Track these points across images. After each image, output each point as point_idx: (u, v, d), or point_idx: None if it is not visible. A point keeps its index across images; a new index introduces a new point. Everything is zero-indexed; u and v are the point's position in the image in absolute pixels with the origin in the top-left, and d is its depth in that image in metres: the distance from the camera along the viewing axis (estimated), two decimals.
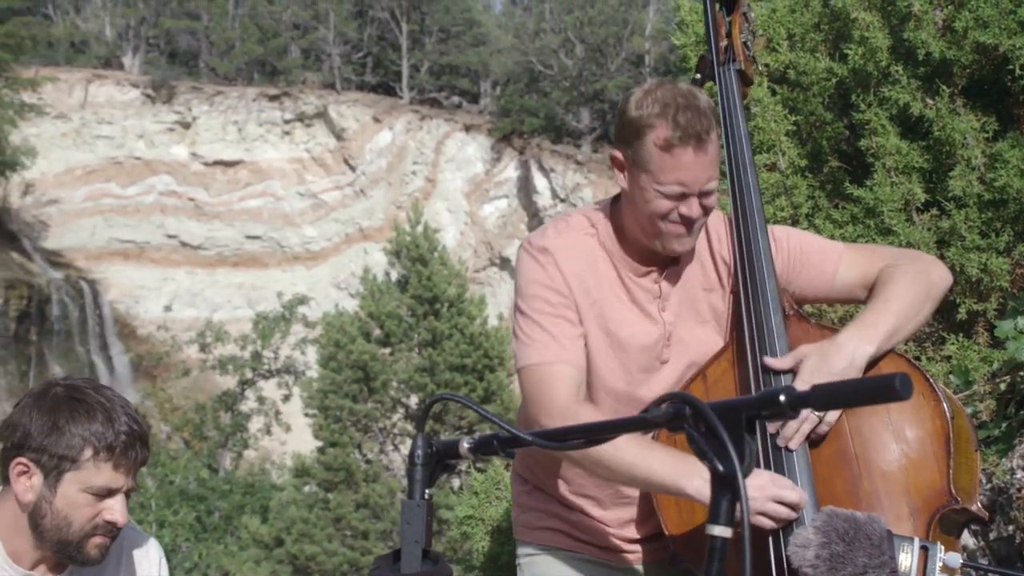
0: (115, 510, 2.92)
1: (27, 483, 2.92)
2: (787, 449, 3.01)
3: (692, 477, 2.96)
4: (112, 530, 2.95)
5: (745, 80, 3.46)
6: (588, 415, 3.09)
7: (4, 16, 44.39)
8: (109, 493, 2.91)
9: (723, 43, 3.46)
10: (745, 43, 3.47)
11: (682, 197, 3.04)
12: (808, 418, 3.03)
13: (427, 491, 2.02)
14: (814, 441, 3.07)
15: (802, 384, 3.06)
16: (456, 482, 12.23)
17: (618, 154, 3.11)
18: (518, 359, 3.21)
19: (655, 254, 3.21)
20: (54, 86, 46.25)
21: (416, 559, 1.98)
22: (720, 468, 1.59)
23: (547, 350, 3.16)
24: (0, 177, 43.23)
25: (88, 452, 2.86)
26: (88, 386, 2.98)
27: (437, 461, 2.04)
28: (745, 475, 1.57)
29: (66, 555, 2.96)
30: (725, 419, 1.61)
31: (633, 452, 3.05)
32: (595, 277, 3.23)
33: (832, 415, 3.06)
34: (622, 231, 3.25)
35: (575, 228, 3.29)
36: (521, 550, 3.52)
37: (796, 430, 3.02)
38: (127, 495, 2.97)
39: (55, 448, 2.86)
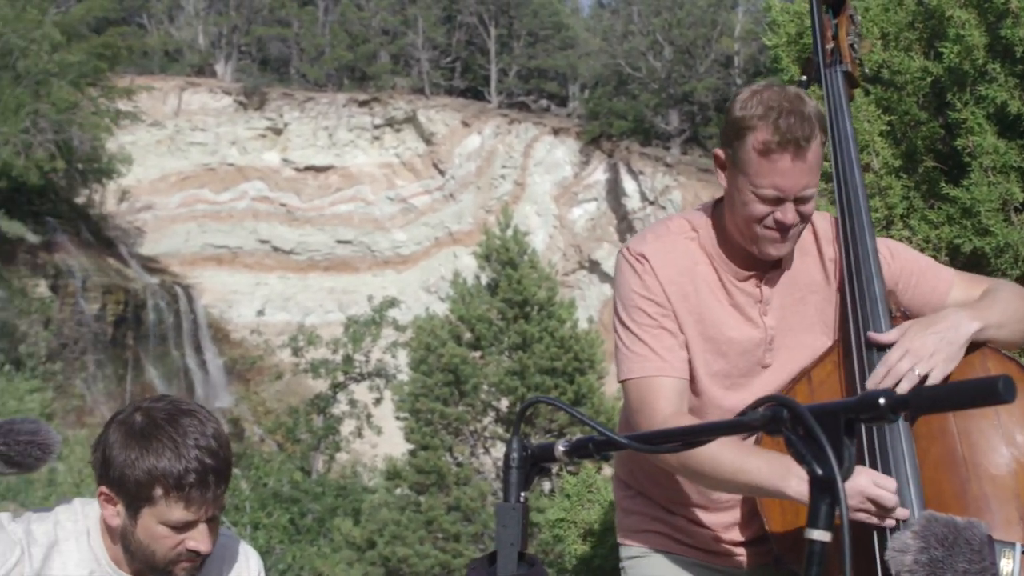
0: (197, 540, 2.94)
1: (112, 510, 2.97)
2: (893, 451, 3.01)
3: (790, 478, 2.95)
4: (197, 556, 2.98)
5: (851, 82, 3.45)
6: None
7: (100, 27, 45.21)
8: (188, 525, 2.93)
9: (829, 45, 3.45)
10: (852, 45, 3.46)
11: (778, 202, 3.03)
12: (909, 376, 3.02)
13: (522, 494, 2.02)
14: (922, 445, 3.04)
15: (900, 349, 3.07)
16: (547, 485, 12.24)
17: (720, 153, 3.10)
18: (620, 371, 3.23)
19: (757, 258, 3.20)
20: (149, 94, 46.99)
21: (512, 562, 1.98)
22: (819, 472, 1.58)
23: (648, 363, 3.17)
24: (97, 184, 44.01)
25: (159, 491, 2.88)
26: (166, 416, 2.97)
27: (532, 464, 2.04)
28: (844, 478, 1.56)
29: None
30: (824, 422, 1.60)
31: (730, 458, 3.05)
32: (694, 282, 3.22)
33: (937, 373, 3.04)
34: (724, 234, 3.23)
35: (675, 232, 3.28)
36: (624, 552, 3.52)
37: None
38: (212, 522, 2.98)
39: (129, 484, 2.88)
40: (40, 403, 19.36)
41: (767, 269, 3.23)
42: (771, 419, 1.66)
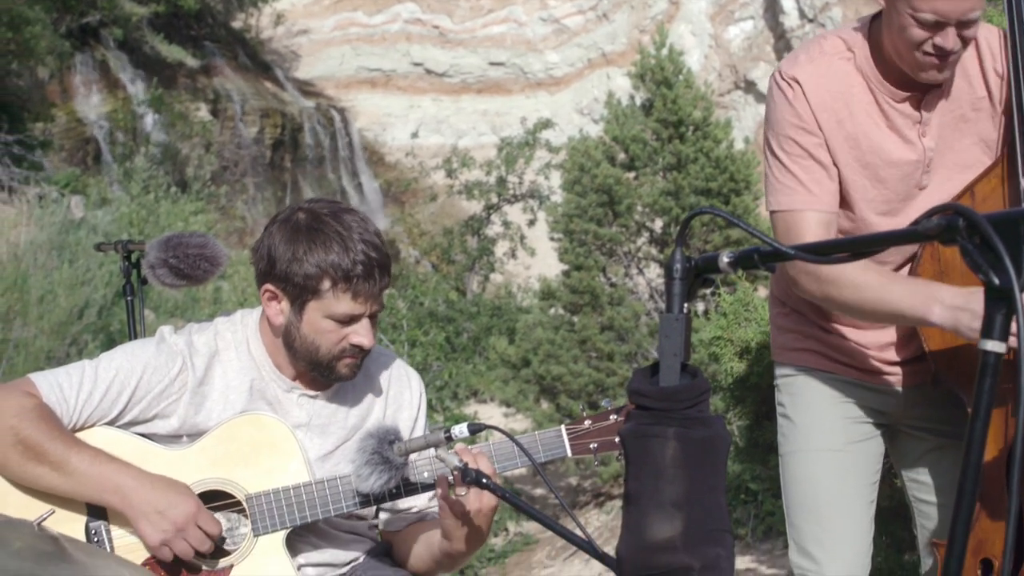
0: (360, 334, 3.02)
1: (276, 307, 3.05)
2: None
3: (934, 305, 2.93)
4: (360, 352, 3.05)
5: None
6: (836, 266, 3.08)
7: None
8: (352, 319, 3.00)
9: None
10: None
11: (938, 27, 2.91)
12: None
13: (685, 305, 2.01)
14: None
15: None
16: (700, 306, 12.22)
17: None
18: (768, 201, 3.23)
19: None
20: None
21: (674, 372, 1.97)
22: (995, 281, 1.53)
23: (796, 195, 3.14)
24: (252, 8, 44.29)
25: (326, 283, 2.95)
26: (329, 212, 3.03)
27: (695, 275, 2.01)
28: (1023, 288, 1.52)
29: (319, 374, 3.10)
30: (1001, 230, 1.55)
31: (874, 287, 3.03)
32: (849, 106, 3.15)
33: None
34: (881, 54, 3.13)
35: (829, 53, 3.19)
36: (779, 371, 3.53)
37: None
38: (373, 318, 3.05)
39: (296, 278, 2.96)
40: (204, 224, 19.89)
41: (926, 89, 3.14)
42: (946, 228, 1.61)
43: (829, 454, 3.43)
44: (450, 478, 2.81)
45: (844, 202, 3.24)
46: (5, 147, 18.42)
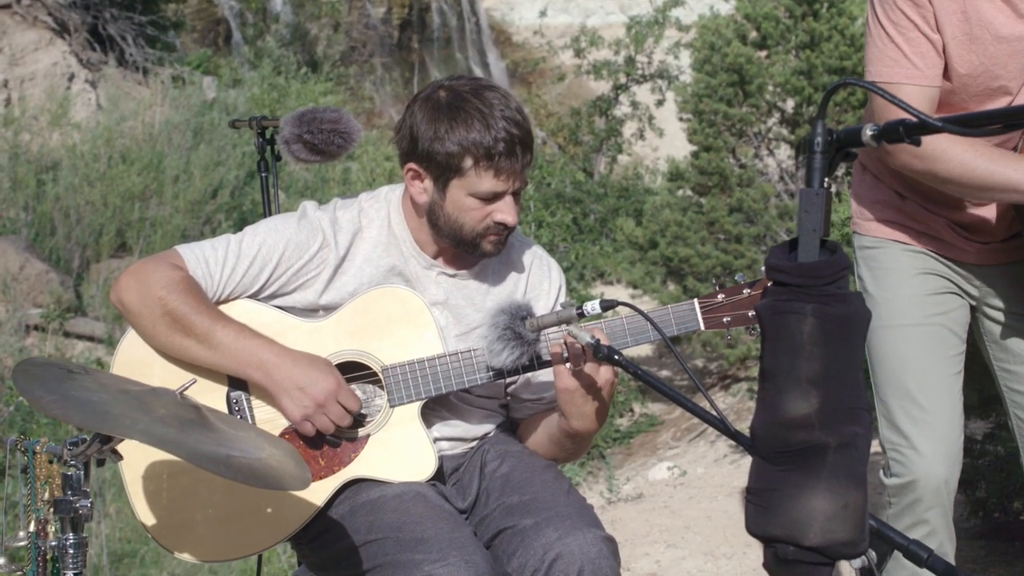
0: (504, 211, 3.02)
1: (420, 186, 3.05)
2: None
3: None
4: (504, 229, 3.05)
5: None
6: (940, 141, 3.00)
7: None
8: (496, 196, 2.99)
9: None
10: None
11: None
12: None
13: (826, 180, 1.97)
14: None
15: None
16: (832, 188, 11.99)
17: None
18: (868, 71, 3.16)
19: None
20: None
21: (814, 248, 1.94)
22: None
23: (899, 67, 3.06)
24: None
25: (468, 161, 2.94)
26: (470, 90, 3.01)
27: (837, 149, 1.97)
28: None
29: (464, 251, 3.11)
30: None
31: (984, 159, 2.95)
32: None
33: None
34: None
35: None
36: (858, 242, 3.45)
37: None
38: (516, 195, 3.04)
39: (438, 157, 2.95)
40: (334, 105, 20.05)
41: None
42: None
43: (911, 329, 3.37)
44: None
45: (952, 79, 3.15)
46: (139, 28, 18.66)
